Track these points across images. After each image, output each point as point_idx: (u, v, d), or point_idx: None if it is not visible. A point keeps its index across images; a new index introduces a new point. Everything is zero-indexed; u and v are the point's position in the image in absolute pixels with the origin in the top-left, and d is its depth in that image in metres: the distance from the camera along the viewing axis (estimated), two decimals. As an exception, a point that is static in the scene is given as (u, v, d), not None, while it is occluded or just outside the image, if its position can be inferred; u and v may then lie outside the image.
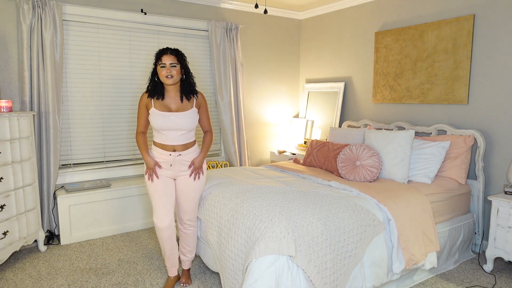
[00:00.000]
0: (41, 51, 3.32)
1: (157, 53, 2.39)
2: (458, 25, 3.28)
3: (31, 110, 3.33)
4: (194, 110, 2.45)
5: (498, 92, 3.10)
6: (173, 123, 2.36)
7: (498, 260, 3.04)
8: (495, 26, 3.08)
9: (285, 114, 5.12)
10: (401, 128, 3.75)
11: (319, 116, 4.76)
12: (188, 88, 2.43)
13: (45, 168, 3.43)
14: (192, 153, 2.50)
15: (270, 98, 4.97)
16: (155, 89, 2.40)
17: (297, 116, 5.17)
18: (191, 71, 2.49)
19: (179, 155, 2.43)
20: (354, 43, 4.33)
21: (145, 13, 3.90)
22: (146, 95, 2.43)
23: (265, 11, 3.26)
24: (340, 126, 4.46)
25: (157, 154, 2.44)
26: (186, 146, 2.46)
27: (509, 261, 2.98)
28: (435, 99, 3.50)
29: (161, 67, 2.33)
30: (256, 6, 3.35)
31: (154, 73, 2.40)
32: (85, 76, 3.72)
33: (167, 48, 2.39)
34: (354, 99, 4.38)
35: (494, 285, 2.66)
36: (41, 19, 3.29)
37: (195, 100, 2.47)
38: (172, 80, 2.34)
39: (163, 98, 2.40)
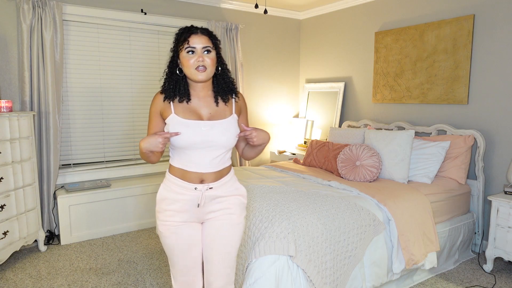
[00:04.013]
0: (41, 51, 3.32)
1: (179, 33, 1.61)
2: (458, 25, 3.28)
3: (31, 110, 3.33)
4: (234, 117, 1.66)
5: (498, 92, 3.10)
6: (206, 138, 1.56)
7: (498, 260, 3.04)
8: (495, 26, 3.08)
9: (285, 114, 5.12)
10: (401, 128, 3.75)
11: (319, 116, 4.76)
12: (225, 86, 1.67)
13: (45, 168, 3.44)
14: (228, 183, 1.67)
15: (270, 98, 4.97)
16: (177, 87, 1.62)
17: (297, 116, 5.17)
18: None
19: (209, 189, 1.61)
20: (354, 43, 4.33)
21: (145, 13, 3.90)
22: (161, 96, 1.63)
23: (265, 11, 3.26)
24: (340, 126, 4.46)
25: (176, 187, 1.61)
26: (220, 174, 1.64)
27: (509, 261, 2.98)
28: (435, 99, 3.50)
29: (188, 52, 1.54)
30: (256, 6, 3.35)
31: (174, 63, 1.62)
32: (85, 76, 3.73)
33: (195, 26, 1.61)
34: (354, 99, 4.38)
35: (494, 285, 2.66)
36: (41, 19, 3.29)
37: (234, 102, 1.69)
38: (205, 74, 1.56)
39: (188, 100, 1.62)
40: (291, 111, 5.17)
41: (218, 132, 1.58)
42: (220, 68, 1.65)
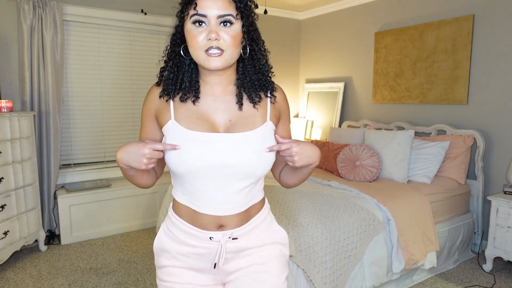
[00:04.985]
0: (41, 51, 3.32)
1: None
2: (458, 25, 3.28)
3: (32, 110, 3.33)
4: (269, 126, 1.09)
5: (498, 92, 3.10)
6: (222, 160, 1.01)
7: (497, 259, 3.04)
8: (495, 26, 3.09)
9: (285, 114, 5.12)
10: (400, 128, 3.75)
11: (319, 116, 4.77)
12: (255, 78, 1.09)
13: (45, 168, 3.44)
14: (260, 226, 1.13)
15: (270, 98, 4.97)
16: (178, 77, 1.06)
17: (297, 116, 5.18)
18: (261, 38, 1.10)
19: (232, 240, 1.08)
20: (354, 43, 4.33)
21: (145, 13, 3.90)
22: (157, 91, 1.08)
23: (265, 11, 3.26)
24: (340, 126, 4.46)
25: (182, 234, 1.08)
26: (247, 215, 1.10)
27: (509, 261, 2.99)
28: (435, 99, 3.50)
29: (195, 23, 0.98)
30: (256, 6, 3.35)
31: (178, 38, 1.05)
32: (86, 76, 3.73)
33: None
34: (354, 99, 4.39)
35: (494, 284, 2.67)
36: (41, 19, 3.29)
37: (269, 103, 1.11)
38: (221, 60, 0.98)
39: (196, 98, 1.06)
40: (291, 111, 5.17)
41: (243, 152, 1.00)
42: (248, 49, 1.05)
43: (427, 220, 2.63)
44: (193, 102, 1.05)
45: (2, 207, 2.80)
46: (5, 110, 2.92)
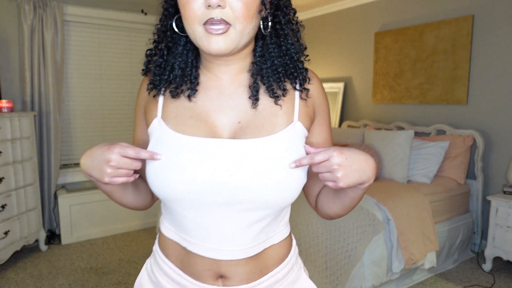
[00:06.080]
0: (42, 52, 3.33)
1: None
2: (457, 25, 3.29)
3: (32, 110, 3.34)
4: (299, 129, 0.76)
5: (497, 93, 3.11)
6: (226, 179, 0.68)
7: (497, 259, 3.05)
8: (494, 27, 3.09)
9: (285, 114, 5.12)
10: (400, 128, 3.76)
11: (319, 116, 4.77)
12: (279, 63, 0.78)
13: (46, 168, 3.45)
14: (280, 283, 0.79)
15: (270, 98, 4.98)
16: (168, 63, 0.78)
17: (297, 116, 5.18)
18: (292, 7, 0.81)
19: None
20: (354, 43, 4.34)
21: (146, 14, 3.91)
22: (146, 83, 0.82)
23: (265, 12, 3.26)
24: (340, 126, 4.47)
25: (169, 285, 0.79)
26: (262, 264, 0.76)
27: (508, 261, 2.99)
28: (435, 99, 3.51)
29: None
30: None
31: (170, 9, 0.81)
32: (86, 76, 3.74)
33: None
34: (353, 99, 4.39)
35: (493, 284, 2.67)
36: (42, 19, 3.30)
37: (297, 96, 0.78)
38: (226, 39, 0.68)
39: (192, 92, 0.76)
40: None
41: (257, 167, 0.68)
42: (272, 22, 0.75)
43: (426, 220, 2.64)
44: (189, 97, 0.75)
45: (3, 207, 2.81)
46: (6, 110, 2.93)
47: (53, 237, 3.52)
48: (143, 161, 0.74)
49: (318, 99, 0.81)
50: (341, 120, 4.52)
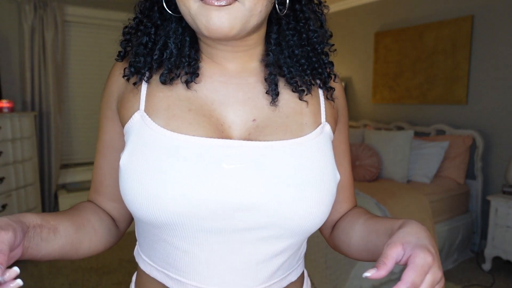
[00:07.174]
0: (42, 52, 3.34)
1: None
2: (457, 26, 3.30)
3: (33, 110, 3.35)
4: (327, 133, 0.61)
5: (497, 93, 3.11)
6: (237, 194, 0.50)
7: (496, 259, 3.05)
8: (494, 27, 3.10)
9: (285, 114, 5.13)
10: (400, 128, 3.77)
11: (319, 116, 4.78)
12: (300, 53, 0.61)
13: (46, 168, 3.45)
14: None
15: (270, 98, 4.98)
16: (158, 41, 0.59)
17: (297, 116, 5.19)
18: None
19: None
20: (354, 43, 4.34)
21: (146, 14, 3.92)
22: (121, 68, 0.62)
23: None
24: (339, 126, 4.48)
25: None
26: None
27: (508, 260, 3.00)
28: (434, 100, 3.52)
29: None
30: None
31: None
32: (86, 76, 3.75)
33: None
34: (353, 99, 4.40)
35: (493, 284, 2.68)
36: (42, 20, 3.31)
37: (322, 95, 0.63)
38: (232, 15, 0.49)
39: (193, 76, 0.57)
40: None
41: (286, 180, 0.53)
42: (290, 3, 0.61)
43: (426, 219, 2.64)
44: (186, 84, 0.57)
45: (3, 206, 2.81)
46: (6, 110, 2.93)
47: (53, 237, 3.52)
48: (116, 170, 0.61)
49: (343, 102, 0.68)
50: (341, 120, 4.53)
